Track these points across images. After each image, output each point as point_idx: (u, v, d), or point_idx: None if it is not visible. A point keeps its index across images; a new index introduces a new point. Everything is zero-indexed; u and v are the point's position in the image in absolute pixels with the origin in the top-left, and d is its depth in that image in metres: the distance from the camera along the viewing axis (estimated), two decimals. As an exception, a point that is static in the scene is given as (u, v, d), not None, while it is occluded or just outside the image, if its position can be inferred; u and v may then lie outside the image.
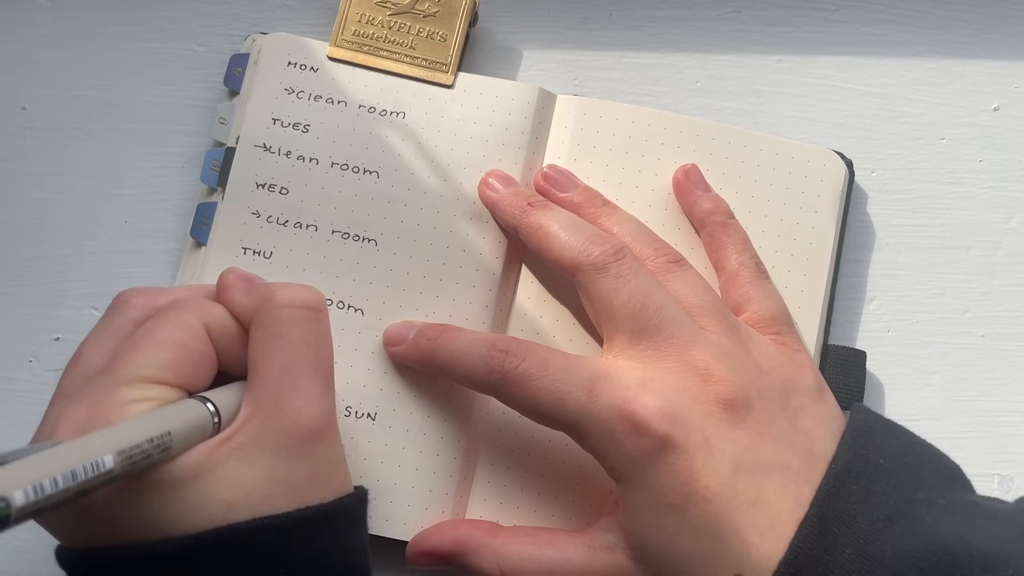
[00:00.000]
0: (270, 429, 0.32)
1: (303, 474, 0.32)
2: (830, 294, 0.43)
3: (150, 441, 0.29)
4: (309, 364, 0.33)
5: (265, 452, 0.32)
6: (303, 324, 0.34)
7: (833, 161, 0.44)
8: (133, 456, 0.28)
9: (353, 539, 0.34)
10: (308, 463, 0.32)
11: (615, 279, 0.37)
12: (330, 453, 0.33)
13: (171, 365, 0.32)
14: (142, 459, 0.29)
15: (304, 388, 0.33)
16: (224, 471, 0.31)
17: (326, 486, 0.33)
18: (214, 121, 0.43)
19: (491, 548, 0.37)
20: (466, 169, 0.42)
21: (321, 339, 0.34)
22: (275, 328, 0.33)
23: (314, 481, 0.32)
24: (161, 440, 0.29)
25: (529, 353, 0.37)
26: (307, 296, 0.34)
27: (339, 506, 0.33)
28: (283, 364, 0.33)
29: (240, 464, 0.31)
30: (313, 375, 0.33)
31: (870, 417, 0.37)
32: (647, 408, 0.35)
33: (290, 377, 0.33)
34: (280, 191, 0.41)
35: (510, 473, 0.40)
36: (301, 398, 0.33)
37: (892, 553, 0.33)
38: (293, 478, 0.32)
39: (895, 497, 0.34)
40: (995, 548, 0.33)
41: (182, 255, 0.43)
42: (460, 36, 0.43)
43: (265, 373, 0.33)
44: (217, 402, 0.32)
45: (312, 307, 0.34)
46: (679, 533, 0.35)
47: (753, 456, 0.35)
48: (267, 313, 0.34)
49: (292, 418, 0.32)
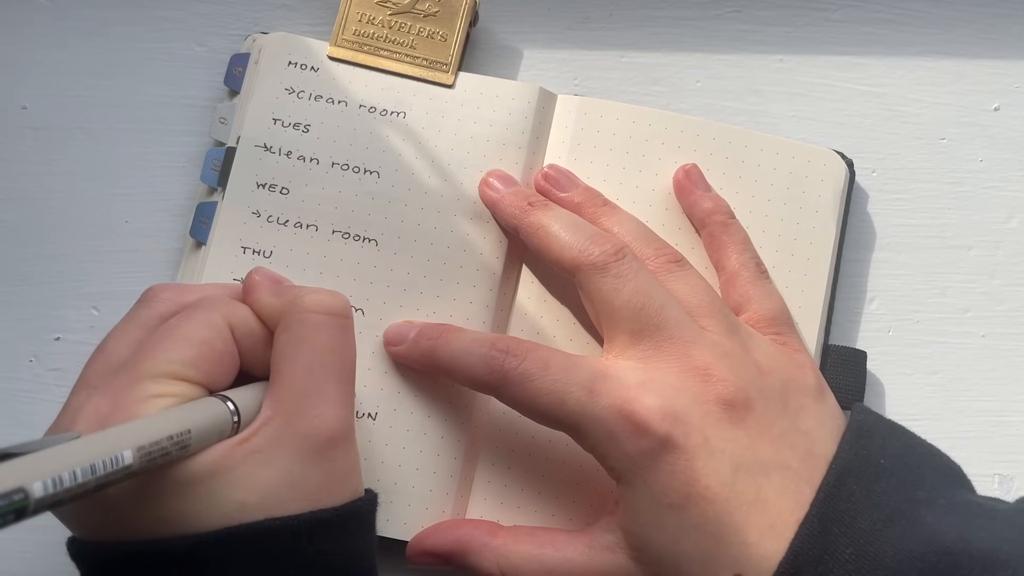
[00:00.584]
0: (289, 433, 0.32)
1: (318, 479, 0.32)
2: (830, 294, 0.43)
3: (170, 439, 0.29)
4: (333, 370, 0.33)
5: (283, 455, 0.32)
6: (329, 330, 0.34)
7: (834, 161, 0.44)
8: (152, 453, 0.28)
9: (363, 543, 0.34)
10: (324, 469, 0.32)
11: (615, 279, 0.37)
12: (346, 460, 0.33)
13: (194, 362, 0.32)
14: (161, 456, 0.29)
15: (326, 394, 0.33)
16: (240, 472, 0.31)
17: (340, 491, 0.33)
18: (214, 121, 0.43)
19: (491, 548, 0.37)
20: (466, 169, 0.42)
21: (346, 346, 0.34)
22: (301, 332, 0.33)
23: (328, 486, 0.32)
24: (181, 438, 0.29)
25: (529, 353, 0.37)
26: (334, 302, 0.34)
27: (351, 510, 0.33)
28: (307, 369, 0.33)
29: (257, 466, 0.31)
30: (336, 382, 0.33)
31: (871, 417, 0.37)
32: (647, 408, 0.35)
33: (313, 382, 0.33)
34: (280, 191, 0.41)
35: (510, 473, 0.40)
36: (323, 404, 0.33)
37: (892, 553, 0.33)
38: (309, 482, 0.32)
39: (895, 497, 0.34)
40: (995, 548, 0.33)
41: (182, 255, 0.43)
42: (460, 36, 0.43)
43: (288, 376, 0.33)
44: (238, 402, 0.32)
45: (339, 313, 0.34)
46: (679, 533, 0.35)
47: (753, 456, 0.35)
48: (294, 317, 0.34)
49: (313, 423, 0.32)
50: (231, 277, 0.41)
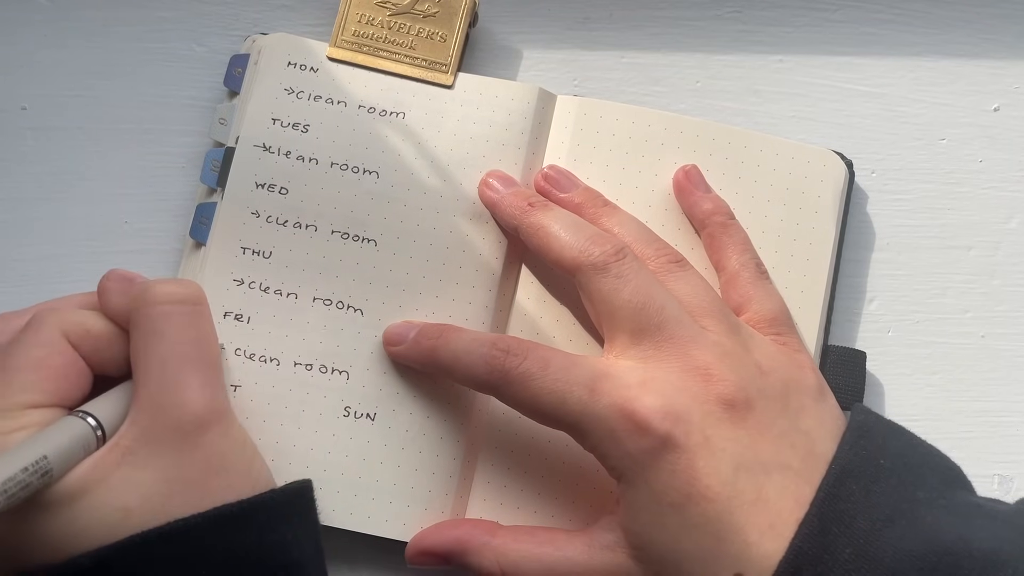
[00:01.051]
0: (156, 428, 0.32)
1: (199, 467, 0.32)
2: (830, 294, 0.43)
3: (25, 470, 0.28)
4: (189, 358, 0.33)
5: (154, 452, 0.31)
6: (179, 318, 0.34)
7: (833, 162, 0.44)
8: (9, 490, 0.28)
9: (284, 534, 0.33)
10: (202, 456, 0.32)
11: (616, 279, 0.37)
12: (223, 441, 0.33)
13: (35, 386, 0.31)
14: (21, 490, 0.28)
15: (185, 381, 0.33)
16: (115, 479, 0.31)
17: (228, 474, 0.33)
18: (214, 122, 0.43)
19: (491, 547, 0.37)
20: (466, 169, 0.42)
21: (201, 331, 0.34)
22: (150, 326, 0.33)
23: (210, 471, 0.32)
24: (38, 466, 0.29)
25: (530, 352, 0.37)
26: (181, 291, 0.34)
27: (256, 503, 0.32)
28: (161, 361, 0.33)
29: (131, 469, 0.31)
30: (193, 367, 0.33)
31: (871, 417, 0.37)
32: (648, 407, 0.35)
33: (170, 372, 0.33)
34: (280, 191, 0.41)
35: (510, 473, 0.40)
36: (183, 391, 0.32)
37: (892, 553, 0.33)
38: (186, 474, 0.32)
39: (895, 497, 0.34)
40: (995, 548, 0.33)
41: (182, 255, 0.43)
42: (460, 36, 0.43)
43: (145, 372, 0.33)
44: (98, 412, 0.32)
45: (188, 301, 0.34)
46: (680, 532, 0.35)
47: (754, 456, 0.35)
48: (141, 312, 0.34)
49: (176, 413, 0.32)
50: (231, 278, 0.41)
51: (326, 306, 0.41)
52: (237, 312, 0.40)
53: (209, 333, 0.35)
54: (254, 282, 0.41)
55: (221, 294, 0.40)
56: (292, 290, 0.41)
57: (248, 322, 0.40)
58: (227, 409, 0.34)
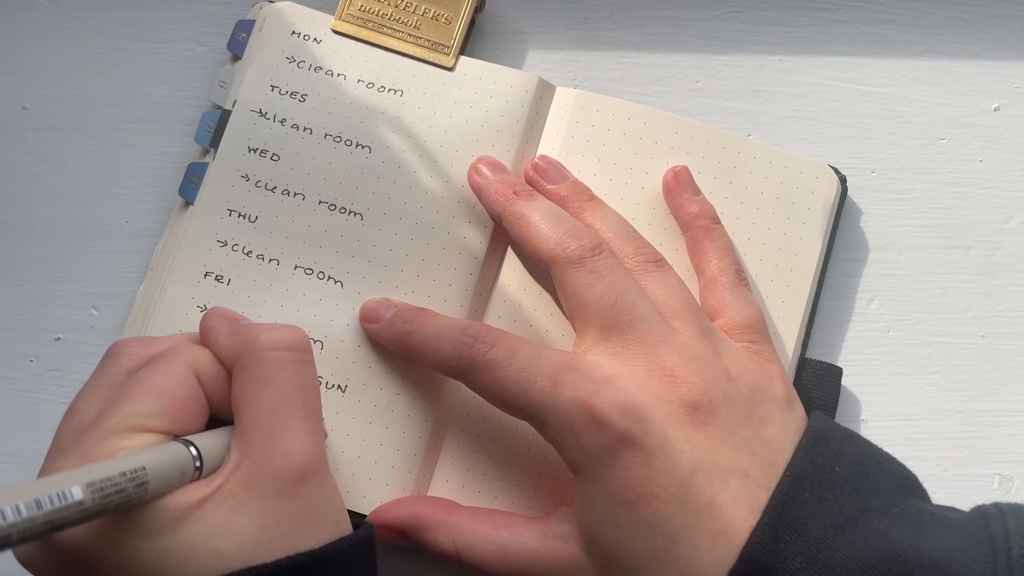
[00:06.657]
0: (259, 475, 0.32)
1: (293, 518, 0.32)
2: (811, 307, 0.43)
3: (123, 475, 0.28)
4: (296, 407, 0.33)
5: (255, 499, 0.31)
6: (289, 366, 0.33)
7: (826, 175, 0.44)
8: (105, 489, 0.28)
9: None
10: (299, 507, 0.32)
11: (589, 274, 0.37)
12: (320, 494, 0.33)
13: (158, 412, 0.32)
14: (115, 492, 0.28)
15: (292, 430, 0.33)
16: (213, 520, 0.31)
17: (320, 526, 0.33)
18: (214, 84, 0.43)
19: (448, 524, 0.38)
20: (458, 152, 0.42)
21: (307, 380, 0.34)
22: (259, 372, 0.33)
23: (305, 523, 0.32)
24: (135, 474, 0.29)
25: (498, 340, 0.37)
26: (292, 337, 0.34)
27: (330, 551, 0.32)
28: (270, 408, 0.33)
29: (231, 513, 0.31)
30: (300, 417, 0.33)
31: (827, 425, 0.37)
32: (609, 403, 0.35)
33: (278, 421, 0.32)
34: (271, 157, 0.42)
35: (475, 457, 0.41)
36: (289, 441, 0.32)
37: (843, 562, 0.33)
38: (283, 524, 0.32)
39: (848, 505, 0.34)
40: (947, 557, 0.33)
41: (170, 214, 0.43)
42: (465, 19, 0.44)
43: (251, 418, 0.32)
44: (200, 444, 0.32)
45: (297, 348, 0.34)
46: (631, 530, 0.35)
47: (712, 460, 0.35)
48: (251, 356, 0.33)
49: (281, 462, 0.32)
50: (215, 239, 0.41)
51: (307, 275, 0.41)
52: (218, 273, 0.41)
53: (314, 382, 0.34)
54: (237, 244, 0.41)
55: (204, 254, 0.41)
56: (275, 256, 0.41)
57: (228, 284, 0.41)
58: (325, 461, 0.34)
